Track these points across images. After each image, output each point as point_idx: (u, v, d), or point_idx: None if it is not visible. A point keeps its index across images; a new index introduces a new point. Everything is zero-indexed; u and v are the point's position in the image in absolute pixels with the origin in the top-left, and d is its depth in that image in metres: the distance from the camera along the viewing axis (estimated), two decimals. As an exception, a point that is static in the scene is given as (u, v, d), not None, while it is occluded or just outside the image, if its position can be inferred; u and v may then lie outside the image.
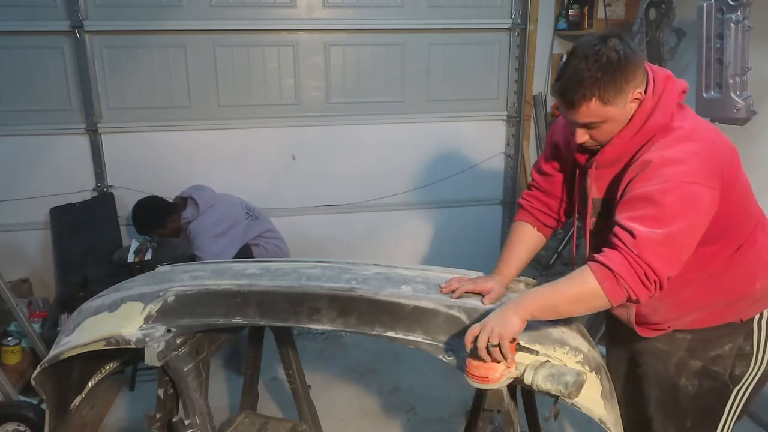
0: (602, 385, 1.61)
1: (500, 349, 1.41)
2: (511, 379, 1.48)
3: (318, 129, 4.02)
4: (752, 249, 1.60)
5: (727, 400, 1.68)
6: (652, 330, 1.70)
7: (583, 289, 1.41)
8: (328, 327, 1.70)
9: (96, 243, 3.77)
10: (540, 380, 1.44)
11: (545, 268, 3.77)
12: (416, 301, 1.66)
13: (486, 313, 1.55)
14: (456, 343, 1.60)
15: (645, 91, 1.48)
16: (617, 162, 1.55)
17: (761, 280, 1.62)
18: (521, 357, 1.49)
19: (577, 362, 1.57)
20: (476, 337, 1.44)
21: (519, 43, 4.10)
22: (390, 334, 1.64)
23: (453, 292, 1.74)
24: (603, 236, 1.53)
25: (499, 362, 1.44)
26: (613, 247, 1.42)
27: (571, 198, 1.81)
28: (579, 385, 1.41)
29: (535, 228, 1.88)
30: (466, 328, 1.58)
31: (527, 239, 1.88)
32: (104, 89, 3.72)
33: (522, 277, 1.97)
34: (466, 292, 1.74)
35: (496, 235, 4.39)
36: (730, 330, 1.64)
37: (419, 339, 1.62)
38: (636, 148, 1.51)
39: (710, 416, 1.70)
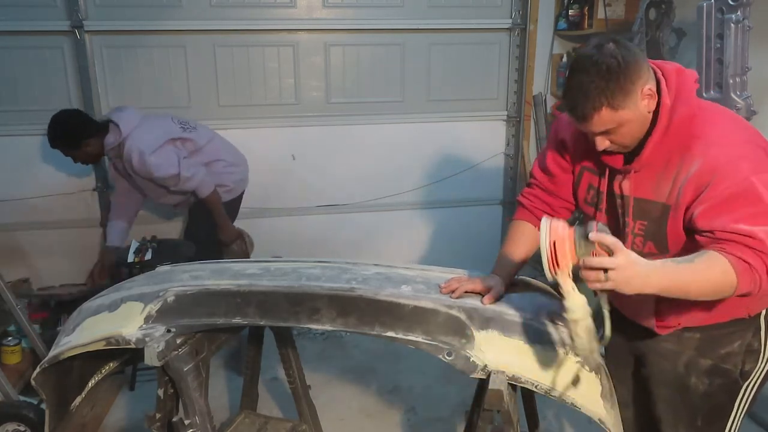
0: (602, 385, 1.61)
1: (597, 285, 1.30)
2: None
3: (318, 129, 4.03)
4: None
5: (737, 396, 1.68)
6: (667, 323, 1.68)
7: (721, 280, 1.37)
8: (328, 327, 1.70)
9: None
10: (580, 328, 1.36)
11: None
12: (416, 301, 1.66)
13: (486, 313, 1.55)
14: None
15: (658, 88, 1.46)
16: (656, 161, 1.52)
17: None
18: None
19: (577, 362, 1.57)
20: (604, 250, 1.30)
21: (519, 43, 4.10)
22: (390, 334, 1.64)
23: (453, 291, 1.73)
24: (638, 242, 1.58)
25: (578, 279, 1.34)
26: (713, 239, 1.40)
27: (576, 196, 1.78)
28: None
29: (537, 227, 1.84)
30: (464, 325, 1.58)
31: (527, 239, 1.85)
32: (104, 89, 3.72)
33: (523, 278, 1.97)
34: (466, 292, 1.74)
35: (496, 235, 4.39)
36: (738, 327, 1.63)
37: (419, 339, 1.61)
38: (674, 145, 1.48)
39: (720, 413, 1.70)
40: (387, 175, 4.17)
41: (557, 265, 1.33)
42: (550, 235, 1.33)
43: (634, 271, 1.29)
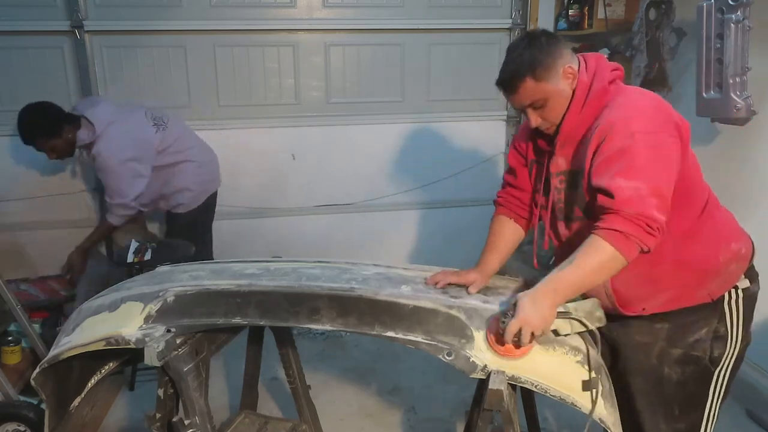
0: (602, 385, 1.61)
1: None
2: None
3: (318, 129, 4.03)
4: (708, 222, 1.70)
5: (710, 383, 1.76)
6: (631, 309, 1.75)
7: (602, 257, 1.49)
8: (327, 327, 1.70)
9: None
10: (576, 330, 1.60)
11: (545, 267, 3.76)
12: (416, 301, 1.66)
13: (486, 313, 1.55)
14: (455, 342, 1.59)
15: (578, 71, 1.64)
16: (576, 135, 1.66)
17: (723, 253, 1.69)
18: None
19: (577, 362, 1.58)
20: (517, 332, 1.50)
21: (519, 43, 4.10)
22: (389, 334, 1.64)
23: (437, 283, 1.80)
24: (568, 211, 1.74)
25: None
26: (604, 211, 1.51)
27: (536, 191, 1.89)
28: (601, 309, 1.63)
29: (512, 220, 1.98)
30: (464, 325, 1.58)
31: (506, 232, 1.98)
32: (104, 89, 3.72)
33: (521, 277, 1.98)
34: (450, 284, 1.81)
35: (496, 235, 4.38)
36: (704, 314, 1.71)
37: (419, 339, 1.62)
38: (590, 118, 1.62)
39: (696, 401, 1.77)
40: (387, 175, 4.17)
41: (523, 354, 1.55)
42: (498, 352, 1.56)
43: (536, 311, 1.48)
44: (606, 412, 1.56)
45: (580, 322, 1.59)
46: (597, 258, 1.50)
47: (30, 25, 3.53)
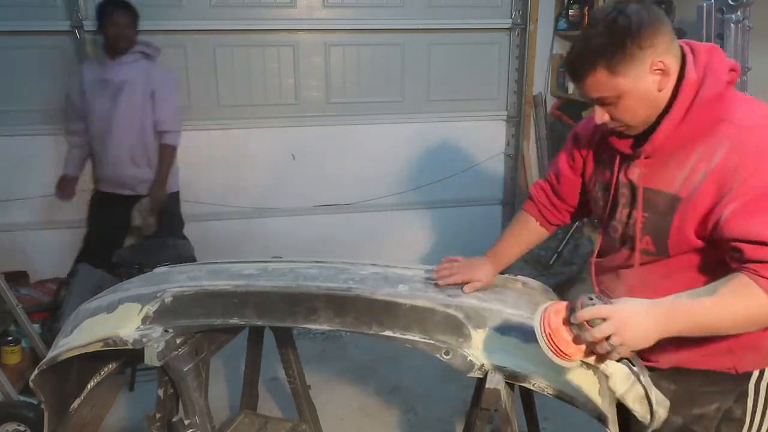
0: (599, 383, 1.60)
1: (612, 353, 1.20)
2: (577, 365, 1.33)
3: (318, 129, 4.03)
4: None
5: None
6: (644, 359, 1.50)
7: (752, 304, 1.18)
8: (325, 327, 1.70)
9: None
10: (630, 399, 1.41)
11: (545, 267, 3.76)
12: (413, 300, 1.66)
13: (483, 312, 1.55)
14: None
15: (684, 64, 1.27)
16: (668, 147, 1.32)
17: None
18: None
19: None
20: (595, 320, 1.17)
21: (519, 43, 4.10)
22: (387, 333, 1.64)
23: (442, 279, 1.75)
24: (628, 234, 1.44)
25: (593, 354, 1.24)
26: (743, 259, 1.20)
27: (584, 199, 1.69)
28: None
29: (538, 223, 1.82)
30: (462, 324, 1.58)
31: (528, 233, 1.84)
32: (104, 89, 3.72)
33: (521, 277, 1.97)
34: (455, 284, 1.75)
35: (496, 236, 4.33)
36: (719, 387, 1.43)
37: (416, 338, 1.61)
38: (698, 128, 1.27)
39: None
40: (387, 175, 4.17)
41: (565, 355, 1.22)
42: (545, 331, 1.22)
43: (639, 327, 1.16)
44: (603, 410, 1.55)
45: (647, 395, 1.39)
46: (745, 303, 1.17)
47: (30, 25, 3.54)
